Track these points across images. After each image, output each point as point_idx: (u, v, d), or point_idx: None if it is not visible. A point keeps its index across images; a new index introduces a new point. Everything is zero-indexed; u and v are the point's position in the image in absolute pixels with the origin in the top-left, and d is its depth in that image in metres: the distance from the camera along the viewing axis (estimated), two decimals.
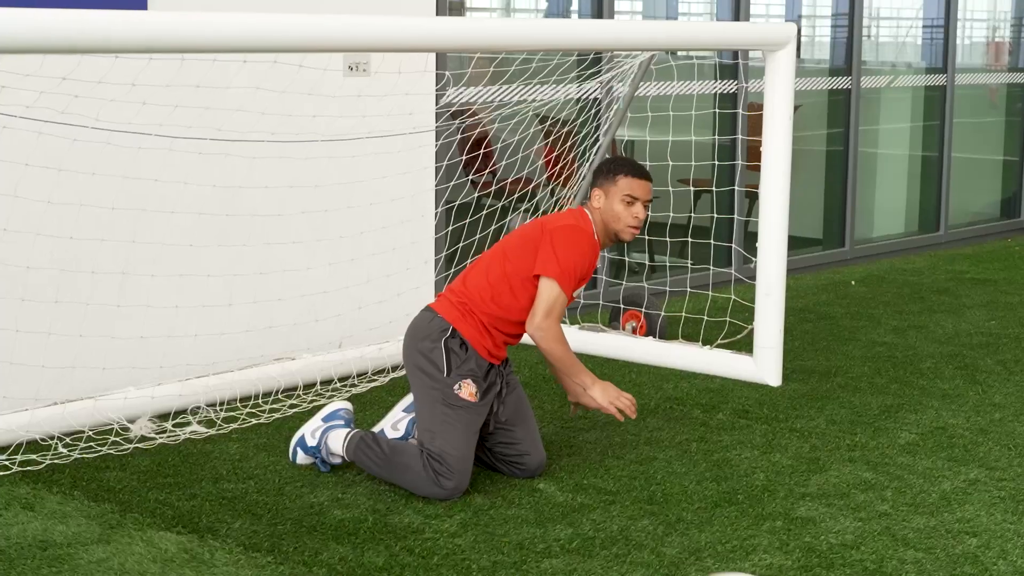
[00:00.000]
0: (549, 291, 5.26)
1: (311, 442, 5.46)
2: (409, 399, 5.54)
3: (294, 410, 6.21)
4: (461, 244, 7.41)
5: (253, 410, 6.20)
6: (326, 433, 5.43)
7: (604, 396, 5.34)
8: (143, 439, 5.74)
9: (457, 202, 7.63)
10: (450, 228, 7.53)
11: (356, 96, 6.85)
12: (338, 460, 5.43)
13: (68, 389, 5.99)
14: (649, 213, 5.57)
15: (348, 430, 5.41)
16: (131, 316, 6.27)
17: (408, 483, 5.18)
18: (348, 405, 5.61)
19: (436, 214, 7.49)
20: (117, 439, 5.71)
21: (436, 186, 7.45)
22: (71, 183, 5.88)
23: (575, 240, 5.33)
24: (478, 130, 7.97)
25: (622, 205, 5.45)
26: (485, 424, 5.36)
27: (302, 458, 5.50)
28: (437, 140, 7.47)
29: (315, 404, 6.27)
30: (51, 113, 5.46)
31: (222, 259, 6.57)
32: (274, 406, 6.26)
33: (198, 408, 6.16)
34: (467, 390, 5.23)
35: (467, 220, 7.50)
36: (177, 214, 6.34)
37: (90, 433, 5.75)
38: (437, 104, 7.45)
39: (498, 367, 5.39)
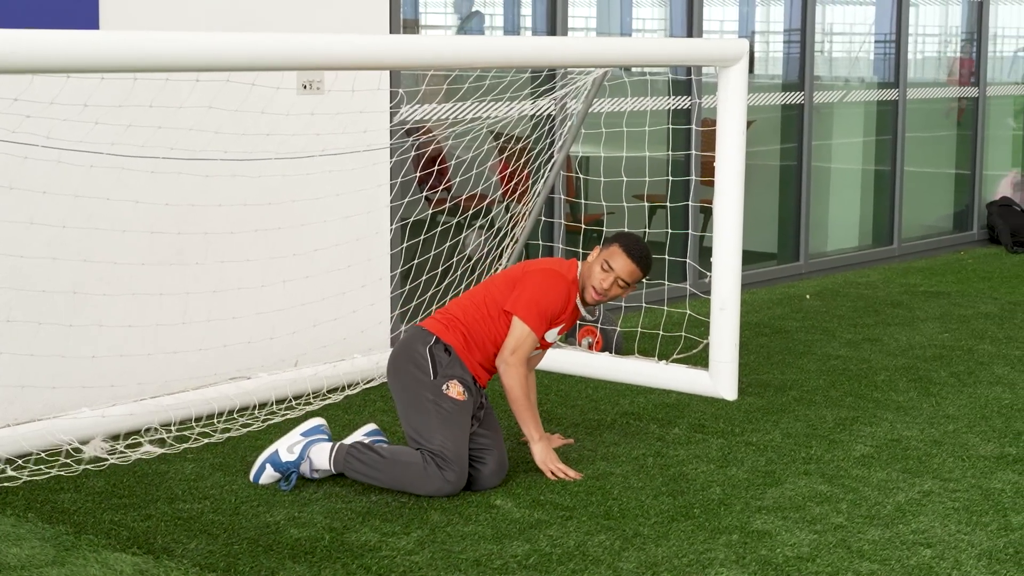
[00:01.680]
0: (519, 330, 5.52)
1: (287, 457, 5.46)
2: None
3: (248, 429, 6.18)
4: (416, 261, 7.40)
5: (208, 430, 6.16)
6: (308, 447, 5.47)
7: (541, 459, 5.61)
8: (96, 460, 5.69)
9: (412, 218, 7.61)
10: (404, 245, 7.52)
11: (309, 114, 6.83)
12: (319, 475, 5.46)
13: (19, 410, 5.95)
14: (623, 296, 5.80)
15: (331, 444, 5.48)
16: (83, 335, 6.23)
17: (409, 482, 5.29)
18: (324, 421, 5.66)
19: (391, 230, 7.47)
20: (68, 461, 5.65)
21: (391, 203, 7.43)
22: (21, 201, 5.84)
23: (550, 283, 5.58)
24: (433, 147, 7.96)
25: (600, 269, 5.65)
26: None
27: (268, 476, 5.48)
28: (392, 157, 7.46)
29: (270, 423, 6.24)
30: (3, 132, 5.42)
31: (175, 278, 6.53)
32: (229, 425, 6.23)
33: (153, 428, 6.11)
34: (455, 389, 5.42)
35: (422, 237, 7.49)
36: (129, 232, 6.31)
37: (43, 455, 5.70)
38: (391, 122, 7.44)
39: (479, 388, 5.58)
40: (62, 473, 5.53)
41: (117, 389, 6.27)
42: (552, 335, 5.67)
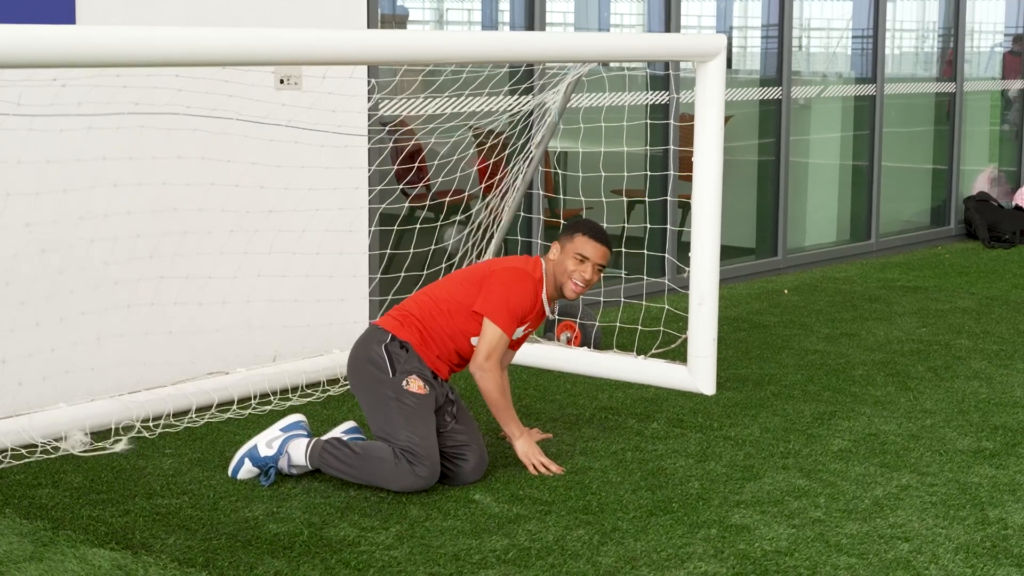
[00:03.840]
0: (491, 333, 5.51)
1: (266, 452, 5.45)
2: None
3: (228, 425, 6.17)
4: (394, 255, 7.39)
5: (187, 425, 6.15)
6: (287, 443, 5.46)
7: (524, 453, 5.62)
8: (73, 456, 5.68)
9: (384, 206, 7.59)
10: (379, 240, 7.51)
11: (287, 108, 6.81)
12: (296, 471, 5.46)
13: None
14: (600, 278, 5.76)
15: (309, 439, 5.47)
16: (62, 331, 6.21)
17: (382, 478, 5.27)
18: (304, 417, 5.65)
19: (371, 231, 7.46)
20: (44, 456, 5.64)
21: (369, 198, 7.42)
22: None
23: (516, 281, 5.58)
24: (411, 142, 7.95)
25: (573, 262, 5.65)
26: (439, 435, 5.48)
27: (246, 471, 5.47)
28: (369, 151, 7.45)
29: (250, 418, 6.24)
30: None
31: (154, 273, 6.51)
32: (208, 421, 6.21)
33: (131, 424, 6.10)
34: (415, 384, 5.41)
35: (398, 230, 7.48)
36: (109, 230, 6.29)
37: (22, 451, 5.69)
38: (369, 117, 7.43)
39: (441, 382, 5.56)
40: (41, 463, 5.50)
41: (96, 385, 6.25)
42: (519, 333, 5.67)
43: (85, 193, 6.14)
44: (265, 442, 5.48)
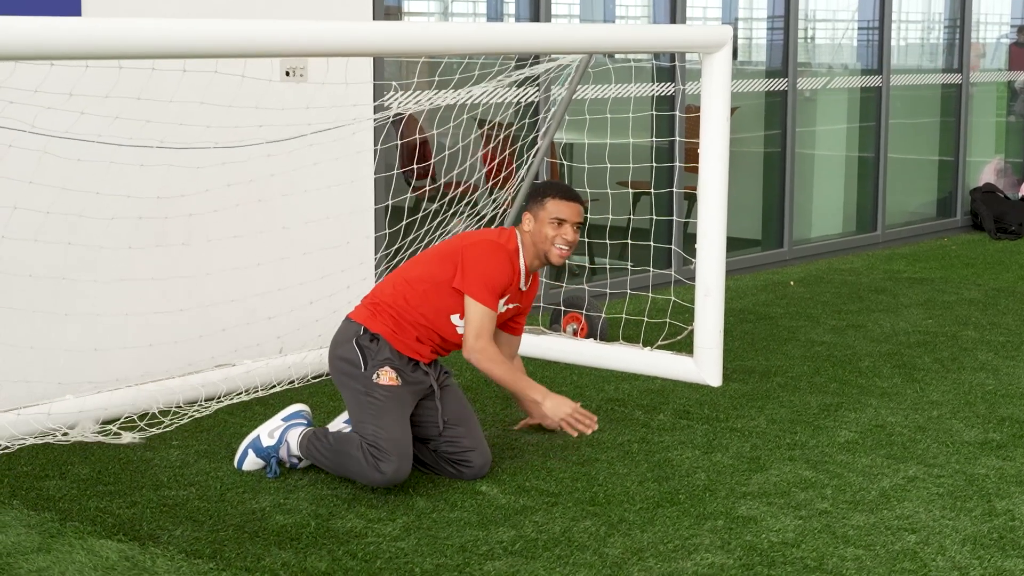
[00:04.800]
0: (474, 312, 5.37)
1: (268, 442, 5.45)
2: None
3: (234, 417, 6.17)
4: (400, 247, 7.39)
5: (194, 416, 6.16)
6: (286, 432, 5.45)
7: (555, 413, 5.45)
8: (80, 448, 5.68)
9: (391, 200, 7.60)
10: (387, 230, 7.51)
11: (292, 98, 6.80)
12: (297, 460, 5.45)
13: (4, 397, 5.92)
14: (582, 233, 5.68)
15: (306, 429, 5.46)
16: (69, 323, 6.21)
17: (353, 472, 5.21)
18: (306, 407, 5.63)
19: (387, 223, 7.46)
20: (54, 444, 5.65)
21: (374, 189, 7.42)
22: (3, 184, 5.81)
23: (490, 254, 5.43)
24: (412, 129, 7.94)
25: (551, 227, 5.52)
26: (429, 426, 5.41)
27: (250, 461, 5.48)
28: (376, 143, 7.45)
29: (257, 409, 6.24)
30: None
31: (159, 263, 6.52)
32: (215, 412, 6.22)
33: (140, 415, 6.10)
34: (386, 376, 5.30)
35: (404, 218, 7.47)
36: (116, 218, 6.28)
37: (33, 441, 5.69)
38: (375, 108, 7.42)
39: (425, 366, 5.44)
40: (49, 460, 5.51)
41: (102, 376, 6.25)
42: (501, 307, 5.52)
43: (91, 190, 6.15)
44: (267, 432, 5.48)
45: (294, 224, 6.98)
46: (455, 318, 5.43)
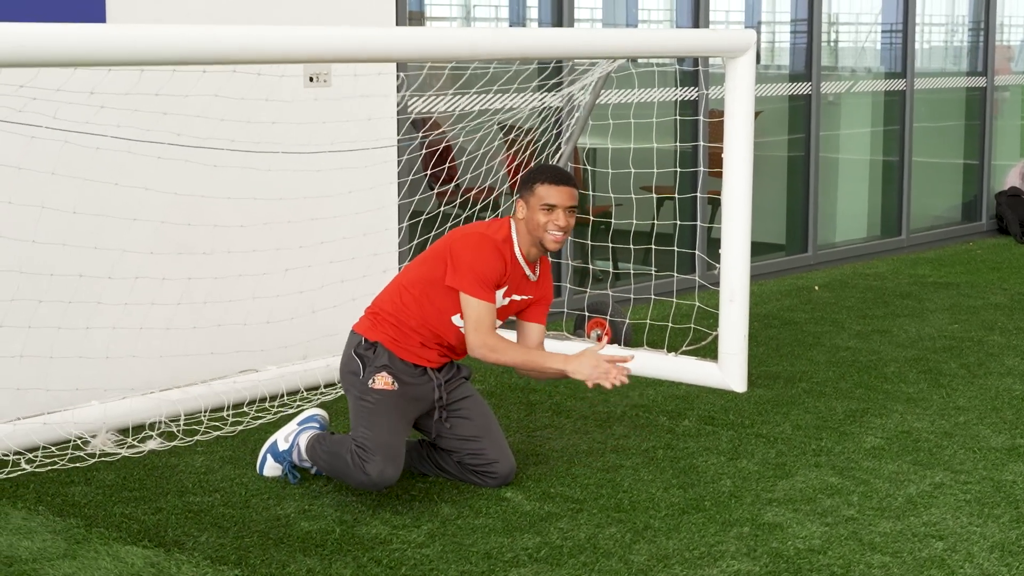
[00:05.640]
0: (469, 307, 5.26)
1: (283, 446, 5.46)
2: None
3: (259, 422, 6.18)
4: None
5: (219, 423, 6.16)
6: (299, 436, 5.45)
7: (580, 375, 5.22)
8: (105, 454, 5.69)
9: (423, 216, 7.59)
10: (414, 241, 7.51)
11: (314, 103, 6.80)
12: (308, 463, 5.45)
13: (30, 403, 5.94)
14: (571, 223, 5.41)
15: (317, 433, 5.45)
16: (94, 329, 6.22)
17: (342, 474, 5.19)
18: (323, 412, 5.63)
19: (401, 229, 7.46)
20: (80, 453, 5.65)
21: (399, 196, 7.42)
22: (30, 189, 5.83)
23: (476, 247, 5.30)
24: (436, 136, 7.93)
25: (542, 214, 5.34)
26: (450, 439, 5.39)
27: (270, 467, 5.48)
28: (399, 150, 7.44)
29: (281, 416, 6.24)
30: (8, 112, 5.39)
31: (184, 270, 6.51)
32: (239, 418, 6.23)
33: (166, 421, 6.10)
34: (381, 381, 5.26)
35: (425, 224, 7.48)
36: (138, 222, 6.30)
37: (53, 449, 5.70)
38: (398, 114, 7.42)
39: (435, 372, 5.39)
40: (75, 466, 5.52)
41: (127, 382, 6.26)
42: (499, 298, 5.39)
43: (113, 195, 6.16)
44: (283, 437, 5.49)
45: (320, 234, 6.96)
46: (456, 319, 5.33)
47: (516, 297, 5.44)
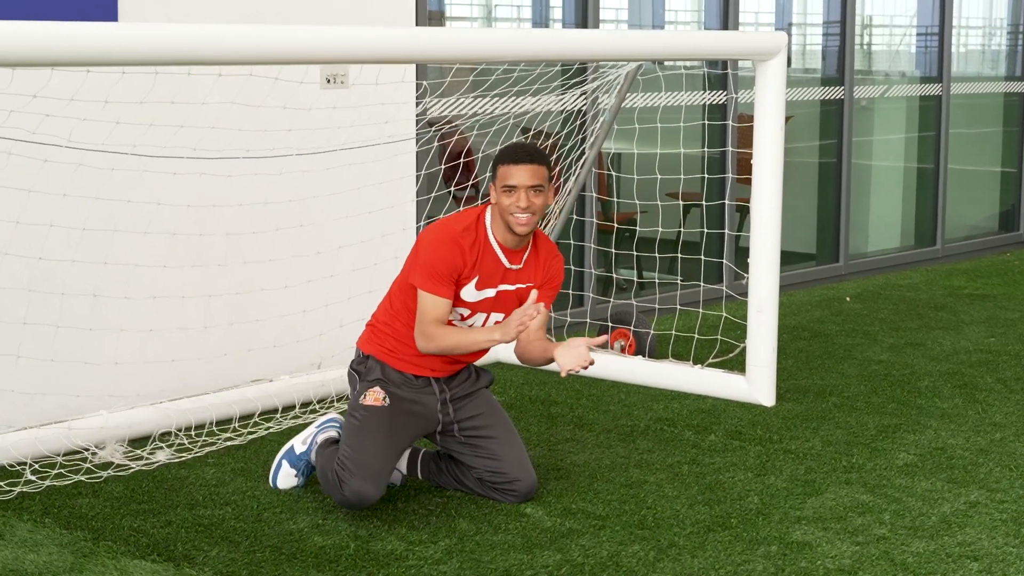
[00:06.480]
0: (419, 300, 5.10)
1: (300, 449, 5.42)
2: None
3: (271, 432, 6.11)
4: None
5: (230, 434, 6.09)
6: (317, 436, 5.43)
7: (569, 364, 4.99)
8: (115, 466, 5.62)
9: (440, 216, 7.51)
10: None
11: (332, 108, 6.75)
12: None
13: (38, 414, 5.89)
14: (542, 206, 5.13)
15: (332, 436, 5.44)
16: (103, 339, 6.17)
17: (328, 490, 5.16)
18: (340, 416, 5.58)
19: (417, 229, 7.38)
20: (88, 465, 5.61)
21: (416, 198, 7.35)
22: (42, 203, 5.79)
23: (434, 241, 5.10)
24: (457, 139, 7.85)
25: (505, 196, 5.05)
26: (469, 456, 5.30)
27: (285, 475, 5.42)
28: (417, 154, 7.37)
29: (294, 427, 6.17)
30: (22, 132, 5.37)
31: (196, 279, 6.48)
32: (252, 429, 6.16)
33: (174, 432, 6.05)
34: (371, 396, 5.19)
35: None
36: (150, 233, 6.26)
37: (61, 459, 5.64)
38: (417, 116, 7.35)
39: (437, 381, 5.28)
40: (83, 479, 5.47)
41: (137, 392, 6.22)
42: (471, 292, 5.16)
43: (127, 205, 6.12)
44: (301, 440, 5.45)
45: (334, 240, 6.92)
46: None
47: (504, 287, 5.21)
